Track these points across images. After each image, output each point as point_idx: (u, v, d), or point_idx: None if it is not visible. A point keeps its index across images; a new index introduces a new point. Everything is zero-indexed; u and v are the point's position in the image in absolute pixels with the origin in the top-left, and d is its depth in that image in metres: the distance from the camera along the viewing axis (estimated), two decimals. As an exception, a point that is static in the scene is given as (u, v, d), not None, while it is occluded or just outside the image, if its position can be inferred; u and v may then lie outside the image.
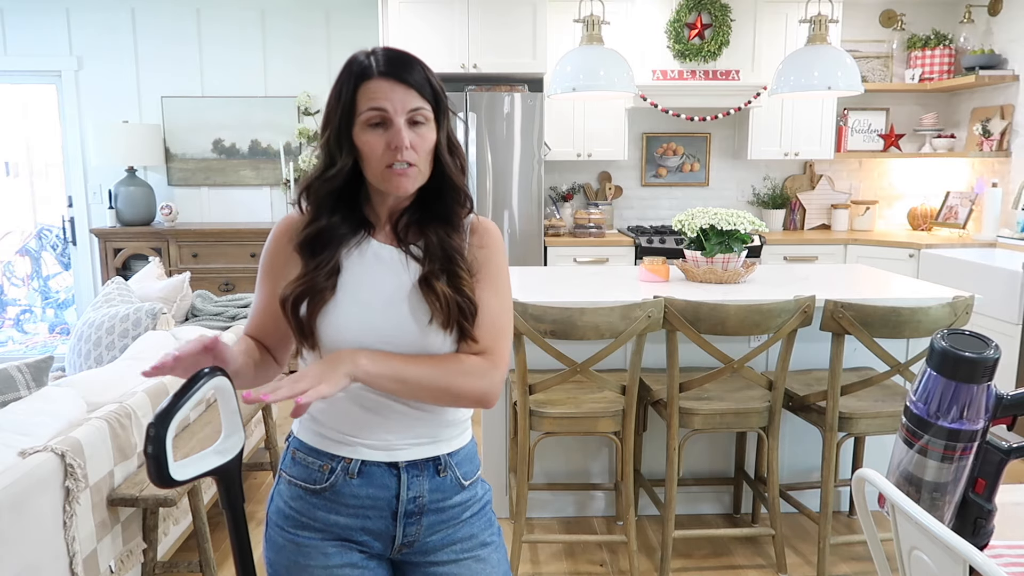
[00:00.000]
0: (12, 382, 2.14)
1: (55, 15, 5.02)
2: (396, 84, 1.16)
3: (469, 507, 1.30)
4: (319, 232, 1.21)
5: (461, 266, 1.22)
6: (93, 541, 2.00)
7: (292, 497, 1.25)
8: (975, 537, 1.05)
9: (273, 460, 3.17)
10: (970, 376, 1.01)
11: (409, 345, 1.19)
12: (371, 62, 1.17)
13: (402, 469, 1.23)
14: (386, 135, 1.16)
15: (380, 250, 1.24)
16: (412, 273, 1.22)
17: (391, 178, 1.17)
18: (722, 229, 3.01)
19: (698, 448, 3.07)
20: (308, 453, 1.25)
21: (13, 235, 6.00)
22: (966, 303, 2.47)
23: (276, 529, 1.27)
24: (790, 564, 2.72)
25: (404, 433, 1.23)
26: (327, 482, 1.22)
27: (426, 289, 1.20)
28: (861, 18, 5.21)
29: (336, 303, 1.19)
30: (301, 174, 5.05)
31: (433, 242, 1.23)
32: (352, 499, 1.22)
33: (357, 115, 1.16)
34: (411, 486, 1.23)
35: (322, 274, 1.18)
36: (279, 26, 5.12)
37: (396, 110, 1.15)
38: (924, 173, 5.35)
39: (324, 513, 1.23)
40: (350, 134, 1.17)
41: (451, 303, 1.19)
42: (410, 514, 1.24)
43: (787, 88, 3.42)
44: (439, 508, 1.26)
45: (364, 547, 1.26)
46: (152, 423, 1.08)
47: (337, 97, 1.19)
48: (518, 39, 4.61)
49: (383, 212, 1.25)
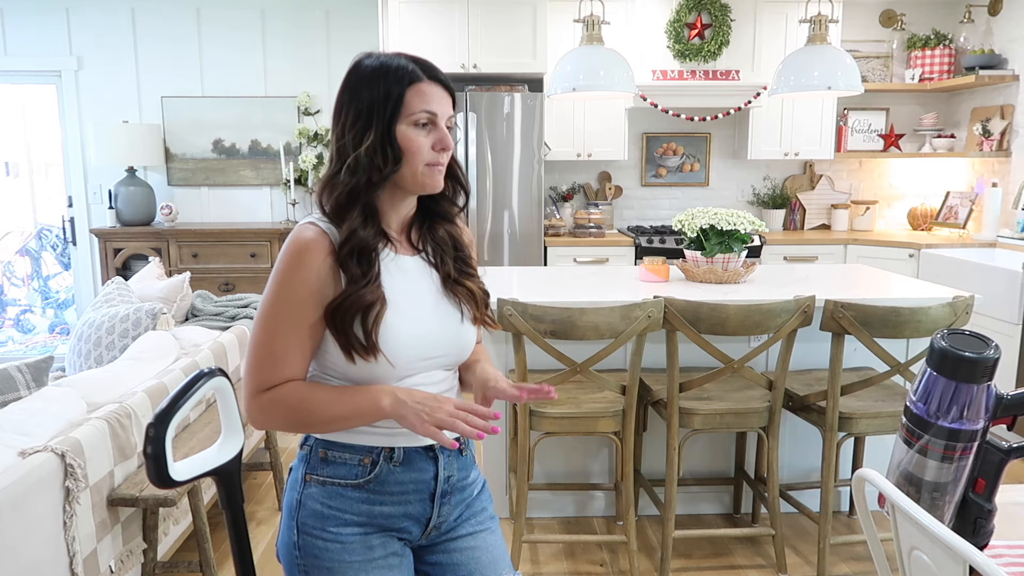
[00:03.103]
0: (12, 382, 2.14)
1: (55, 15, 5.02)
2: (443, 92, 1.25)
3: (479, 480, 1.41)
4: (363, 242, 1.20)
5: (469, 259, 1.35)
6: (93, 541, 2.00)
7: (329, 496, 1.25)
8: (975, 537, 1.05)
9: (273, 460, 3.17)
10: (970, 376, 1.01)
11: (451, 343, 1.29)
12: (414, 66, 1.23)
13: (437, 451, 1.30)
14: (431, 135, 1.23)
15: (402, 261, 1.28)
16: (434, 277, 1.31)
17: (431, 174, 1.24)
18: (722, 229, 3.01)
19: (698, 448, 3.07)
20: (342, 450, 1.25)
21: (13, 235, 6.00)
22: (966, 303, 2.47)
23: (313, 532, 1.24)
24: (790, 564, 2.72)
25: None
26: (371, 474, 1.25)
27: (455, 287, 1.30)
28: (861, 18, 5.21)
29: (390, 314, 1.21)
30: (301, 174, 5.05)
31: (443, 240, 1.33)
32: (396, 486, 1.26)
33: (404, 115, 1.21)
34: (446, 467, 1.31)
35: (372, 285, 1.20)
36: (279, 26, 5.12)
37: (442, 114, 1.24)
38: (924, 173, 5.35)
39: (367, 505, 1.26)
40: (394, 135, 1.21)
41: (479, 298, 1.32)
42: (444, 494, 1.31)
43: (787, 88, 3.42)
44: (463, 486, 1.35)
45: (403, 535, 1.30)
46: (152, 423, 1.08)
47: (385, 98, 1.20)
48: (518, 39, 4.61)
49: (395, 223, 1.30)
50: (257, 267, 4.87)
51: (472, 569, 1.34)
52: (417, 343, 1.24)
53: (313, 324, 1.19)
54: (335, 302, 1.18)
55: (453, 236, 1.34)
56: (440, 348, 1.28)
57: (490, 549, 1.37)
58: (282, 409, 1.19)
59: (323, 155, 5.08)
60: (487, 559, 1.35)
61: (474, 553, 1.35)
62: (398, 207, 1.28)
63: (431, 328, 1.25)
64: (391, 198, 1.27)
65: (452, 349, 1.30)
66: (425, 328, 1.25)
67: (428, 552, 1.34)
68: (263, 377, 1.19)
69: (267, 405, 1.19)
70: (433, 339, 1.26)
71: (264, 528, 3.01)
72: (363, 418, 1.20)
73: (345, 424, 1.21)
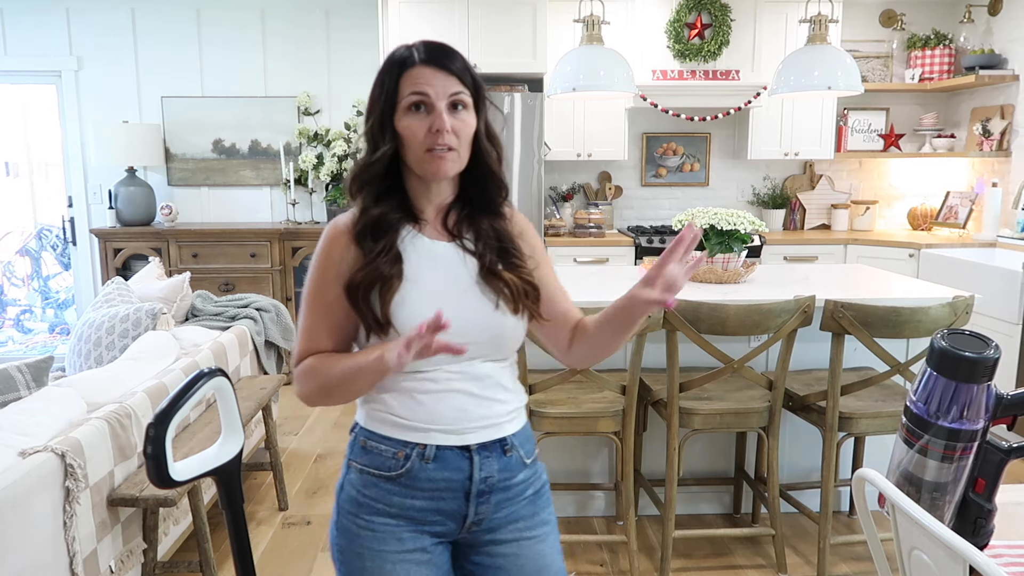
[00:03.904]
0: (12, 382, 2.14)
1: (55, 15, 5.02)
2: (437, 71, 1.21)
3: (531, 484, 1.35)
4: (375, 219, 1.24)
5: (516, 252, 1.31)
6: (93, 541, 2.00)
7: (365, 485, 1.28)
8: (975, 537, 1.05)
9: (273, 460, 3.17)
10: (970, 376, 1.01)
11: (482, 331, 1.25)
12: (412, 52, 1.22)
13: (473, 452, 1.28)
14: (428, 119, 1.20)
15: (433, 246, 1.28)
16: (470, 265, 1.28)
17: (431, 161, 1.21)
18: (722, 229, 3.01)
19: (698, 448, 3.07)
20: (380, 441, 1.27)
21: (13, 235, 6.00)
22: (966, 303, 2.47)
23: (349, 517, 1.28)
24: (790, 564, 2.72)
25: (472, 418, 1.27)
26: (403, 468, 1.26)
27: (491, 278, 1.26)
28: (861, 18, 5.21)
29: (406, 290, 1.22)
30: (301, 174, 5.05)
31: (486, 232, 1.29)
32: (427, 483, 1.26)
33: (399, 101, 1.21)
34: (483, 467, 1.28)
35: (385, 261, 1.22)
36: (279, 26, 5.12)
37: (438, 95, 1.20)
38: (924, 173, 5.35)
39: (400, 498, 1.26)
40: (392, 121, 1.22)
41: (517, 288, 1.27)
42: (481, 493, 1.29)
43: (787, 88, 3.42)
44: (506, 486, 1.31)
45: (436, 530, 1.29)
46: (152, 423, 1.08)
47: (380, 86, 1.23)
48: (518, 39, 4.61)
49: (428, 208, 1.30)
50: (257, 267, 4.87)
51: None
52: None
53: (337, 302, 1.24)
54: (351, 275, 1.22)
55: (496, 228, 1.31)
56: (468, 335, 1.21)
57: (536, 558, 1.33)
58: (307, 376, 1.24)
59: (323, 155, 5.08)
60: (531, 568, 1.32)
61: (518, 560, 1.32)
62: (427, 192, 1.28)
63: (456, 312, 1.19)
64: (418, 182, 1.28)
65: (484, 337, 1.26)
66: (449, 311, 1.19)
67: (472, 551, 1.33)
68: (298, 352, 1.26)
69: (300, 374, 1.25)
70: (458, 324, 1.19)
71: (264, 528, 3.01)
72: (364, 373, 1.20)
73: (354, 384, 1.22)
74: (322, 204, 5.19)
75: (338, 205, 4.92)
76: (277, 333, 3.67)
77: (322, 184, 5.15)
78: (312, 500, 3.26)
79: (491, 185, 1.30)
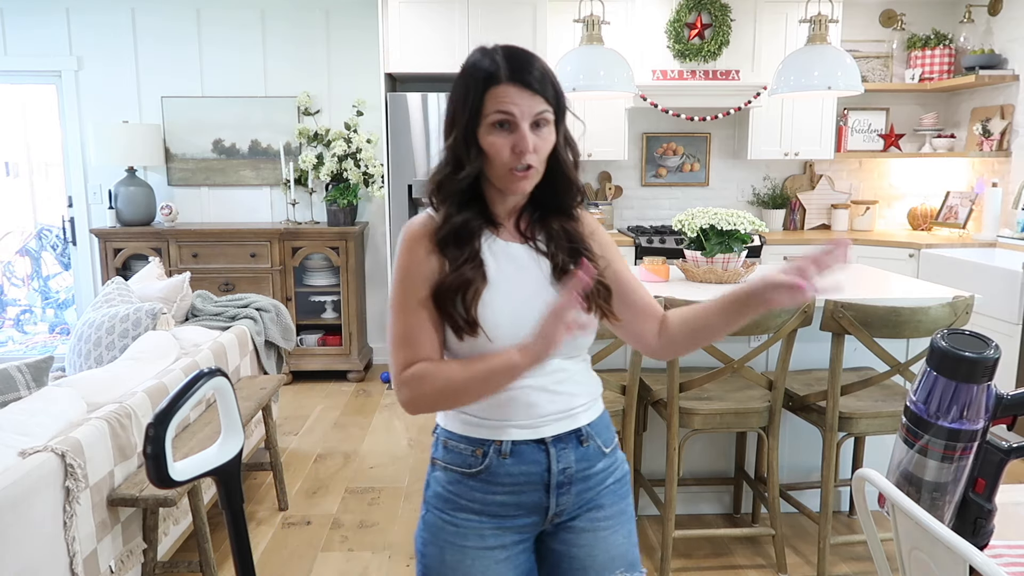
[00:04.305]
0: (12, 382, 2.14)
1: (55, 15, 5.02)
2: (523, 90, 1.22)
3: (612, 473, 1.38)
4: (457, 227, 1.27)
5: (587, 251, 1.32)
6: (93, 541, 2.00)
7: (449, 482, 1.32)
8: (975, 537, 1.05)
9: (273, 460, 3.17)
10: (970, 376, 1.01)
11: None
12: (498, 66, 1.22)
13: (549, 444, 1.30)
14: (511, 137, 1.22)
15: (508, 248, 1.31)
16: (543, 265, 1.31)
17: (512, 179, 1.25)
18: (722, 229, 3.01)
19: (698, 448, 3.07)
20: (459, 441, 1.32)
21: (13, 235, 6.00)
22: (966, 303, 2.47)
23: (435, 512, 1.33)
24: (790, 564, 2.72)
25: (545, 411, 1.30)
26: (482, 465, 1.30)
27: (564, 278, 1.29)
28: (861, 18, 5.21)
29: (491, 293, 1.26)
30: (301, 174, 5.05)
31: (557, 234, 1.32)
32: (507, 478, 1.29)
33: (483, 117, 1.23)
34: (559, 459, 1.31)
35: (469, 266, 1.25)
36: (279, 26, 5.12)
37: (523, 114, 1.22)
38: (924, 173, 5.35)
39: (481, 494, 1.30)
40: (476, 136, 1.24)
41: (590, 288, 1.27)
42: (561, 485, 1.31)
43: (787, 88, 3.42)
44: (586, 476, 1.34)
45: (520, 524, 1.32)
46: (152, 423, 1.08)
47: (464, 100, 1.24)
48: (518, 39, 4.56)
49: (502, 211, 1.32)
50: (257, 267, 4.87)
51: (587, 564, 1.34)
52: (516, 322, 1.25)
53: (427, 302, 1.26)
54: (438, 281, 1.25)
55: (567, 230, 1.33)
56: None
57: (609, 548, 1.36)
58: (420, 382, 1.24)
59: (323, 155, 5.08)
60: (603, 557, 1.35)
61: (590, 550, 1.35)
62: (504, 197, 1.31)
63: (531, 310, 1.24)
64: (495, 190, 1.30)
65: None
66: (525, 309, 1.25)
67: (551, 538, 1.36)
68: (402, 358, 1.26)
69: (411, 380, 1.25)
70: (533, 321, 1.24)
71: (264, 528, 3.01)
72: (497, 377, 1.22)
73: (483, 389, 1.24)
74: (322, 204, 5.19)
75: (338, 205, 4.92)
76: (277, 333, 3.67)
77: (322, 184, 5.15)
78: (312, 500, 3.26)
79: (566, 190, 1.32)
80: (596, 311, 1.31)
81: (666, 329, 1.40)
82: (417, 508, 3.15)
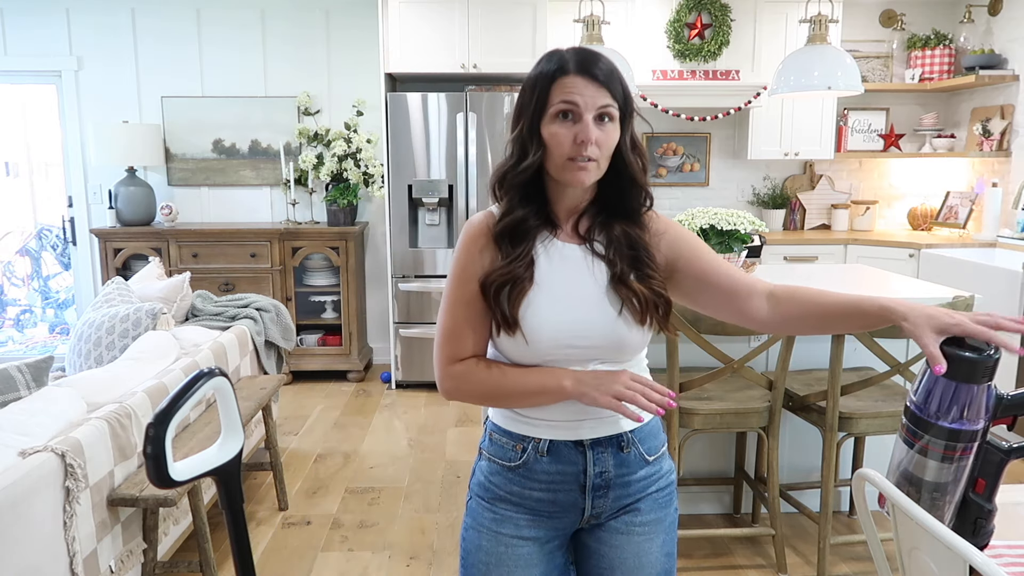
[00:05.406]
0: (12, 382, 2.14)
1: (55, 15, 5.02)
2: (589, 81, 1.22)
3: (655, 481, 1.37)
4: (516, 223, 1.28)
5: (649, 261, 1.30)
6: (93, 541, 2.00)
7: (491, 472, 1.36)
8: (975, 537, 1.05)
9: (273, 460, 3.17)
10: (970, 376, 1.02)
11: (603, 337, 1.27)
12: (566, 60, 1.23)
13: (587, 447, 1.31)
14: (574, 128, 1.21)
15: (564, 249, 1.30)
16: (599, 270, 1.29)
17: (571, 170, 1.23)
18: (722, 229, 3.00)
19: (698, 448, 3.07)
20: (502, 435, 1.35)
21: (13, 235, 6.00)
22: (966, 303, 2.47)
23: (477, 499, 1.38)
24: (790, 564, 2.72)
25: (586, 414, 1.30)
26: (520, 460, 1.32)
27: (619, 286, 1.27)
28: (861, 18, 5.21)
29: (535, 294, 1.26)
30: (301, 174, 5.05)
31: (618, 239, 1.30)
32: (543, 475, 1.32)
33: (548, 108, 1.23)
34: (596, 462, 1.31)
35: (520, 264, 1.26)
36: (279, 26, 5.12)
37: (587, 105, 1.21)
38: (924, 173, 5.35)
39: (519, 488, 1.33)
40: (539, 128, 1.24)
41: (645, 299, 1.27)
42: (597, 487, 1.32)
43: (787, 88, 3.42)
44: (625, 482, 1.34)
45: (555, 522, 1.34)
46: (152, 423, 1.08)
47: (531, 91, 1.25)
48: (518, 39, 4.61)
49: (562, 211, 1.32)
50: (257, 267, 4.87)
51: (615, 565, 1.35)
52: (558, 327, 1.25)
53: (475, 298, 1.28)
54: (487, 272, 1.27)
55: (630, 236, 1.30)
56: (588, 339, 1.26)
57: (639, 555, 1.34)
58: (472, 380, 1.29)
59: (323, 155, 5.08)
60: (632, 563, 1.35)
61: (620, 552, 1.35)
62: (564, 195, 1.30)
63: (579, 316, 1.25)
64: (556, 186, 1.29)
65: (604, 343, 1.27)
66: (572, 315, 1.25)
67: (586, 535, 1.38)
68: (450, 351, 1.30)
69: (459, 375, 1.29)
70: (579, 328, 1.25)
71: (264, 528, 3.01)
72: (546, 395, 1.25)
73: (528, 399, 1.27)
74: (322, 204, 5.19)
75: (338, 205, 4.92)
76: (277, 333, 3.67)
77: (322, 184, 5.15)
78: (312, 500, 3.26)
79: (633, 194, 1.31)
80: (651, 323, 1.29)
81: (778, 306, 1.30)
82: (417, 508, 3.15)
